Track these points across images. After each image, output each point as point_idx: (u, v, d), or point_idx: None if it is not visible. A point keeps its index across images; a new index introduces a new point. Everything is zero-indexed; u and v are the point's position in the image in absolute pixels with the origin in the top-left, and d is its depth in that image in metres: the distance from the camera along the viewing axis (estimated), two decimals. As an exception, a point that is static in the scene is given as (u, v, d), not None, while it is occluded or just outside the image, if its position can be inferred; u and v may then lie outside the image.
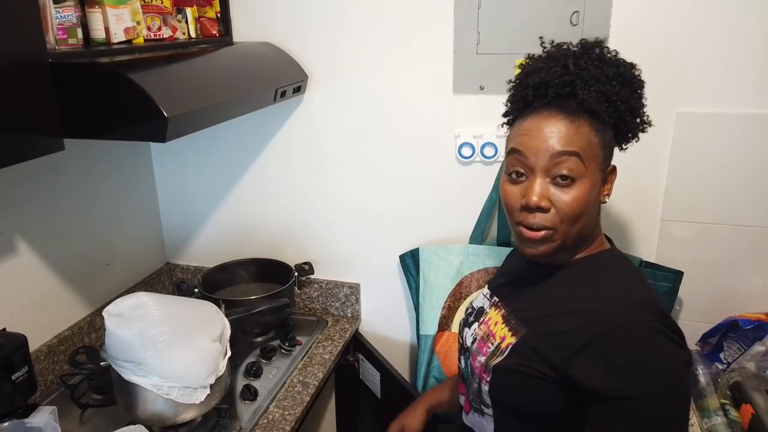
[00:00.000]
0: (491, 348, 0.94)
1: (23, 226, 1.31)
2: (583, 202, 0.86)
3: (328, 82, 1.54)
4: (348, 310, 1.72)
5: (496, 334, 0.95)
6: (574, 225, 0.87)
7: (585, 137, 0.85)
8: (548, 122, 0.86)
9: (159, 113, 0.94)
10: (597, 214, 0.93)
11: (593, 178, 0.87)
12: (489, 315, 1.02)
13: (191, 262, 1.84)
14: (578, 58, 0.89)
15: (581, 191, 0.85)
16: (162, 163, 1.75)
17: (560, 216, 0.86)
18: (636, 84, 0.90)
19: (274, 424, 1.26)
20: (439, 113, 1.49)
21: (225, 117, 1.20)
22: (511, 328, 0.93)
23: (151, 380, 1.11)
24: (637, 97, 0.90)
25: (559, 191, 0.86)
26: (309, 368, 1.46)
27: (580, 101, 0.86)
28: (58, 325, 1.42)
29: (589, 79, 0.86)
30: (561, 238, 0.88)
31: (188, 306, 1.25)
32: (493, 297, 1.05)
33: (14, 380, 1.04)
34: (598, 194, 0.90)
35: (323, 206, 1.66)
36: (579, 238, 0.91)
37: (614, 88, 0.86)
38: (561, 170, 0.85)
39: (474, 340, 1.01)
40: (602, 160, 0.88)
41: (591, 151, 0.86)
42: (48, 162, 1.35)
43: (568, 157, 0.84)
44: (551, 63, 0.90)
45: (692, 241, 1.40)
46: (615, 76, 0.87)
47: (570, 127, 0.85)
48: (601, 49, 0.90)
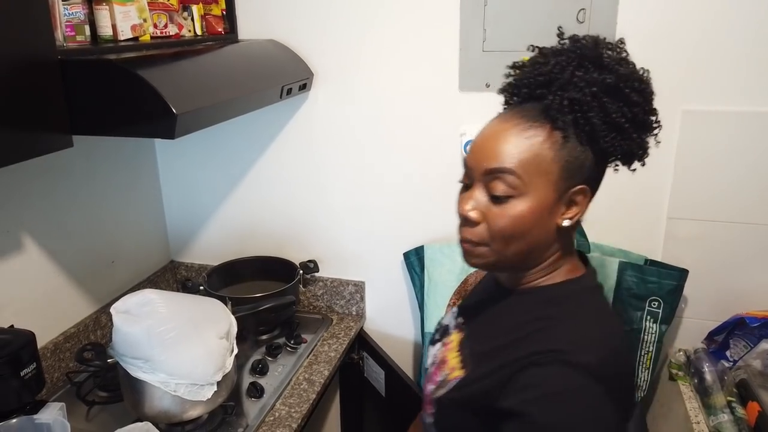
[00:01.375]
0: (440, 378, 0.86)
1: (29, 223, 1.31)
2: (519, 221, 0.76)
3: (333, 80, 1.54)
4: (353, 308, 1.72)
5: (449, 363, 0.87)
6: (508, 245, 0.77)
7: (532, 150, 0.74)
8: (500, 127, 0.77)
9: (168, 110, 0.94)
10: (557, 238, 0.80)
11: (540, 197, 0.75)
12: (451, 337, 0.92)
13: (195, 260, 1.84)
14: (565, 57, 0.78)
15: (517, 209, 0.75)
16: (166, 162, 1.75)
17: (491, 233, 0.77)
18: (630, 97, 0.76)
19: (281, 421, 1.26)
20: (445, 111, 1.49)
21: (232, 114, 1.20)
22: (462, 359, 0.85)
23: (159, 377, 1.11)
24: (627, 113, 0.75)
25: (494, 206, 0.77)
26: (314, 366, 1.46)
27: (544, 108, 0.76)
28: (64, 322, 1.42)
29: (566, 83, 0.75)
30: (496, 256, 0.79)
31: (195, 303, 1.25)
32: (459, 317, 0.95)
33: (23, 377, 1.04)
34: (551, 216, 0.77)
35: (328, 204, 1.66)
36: (522, 261, 0.81)
37: (593, 98, 0.74)
38: (494, 184, 0.76)
39: (432, 363, 0.92)
40: (558, 179, 0.75)
41: (539, 166, 0.74)
42: (53, 160, 1.35)
43: (502, 174, 0.75)
44: (539, 59, 0.81)
45: (698, 239, 1.40)
46: (599, 83, 0.75)
47: (517, 137, 0.75)
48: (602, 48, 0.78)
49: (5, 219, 1.25)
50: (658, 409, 1.46)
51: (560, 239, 0.81)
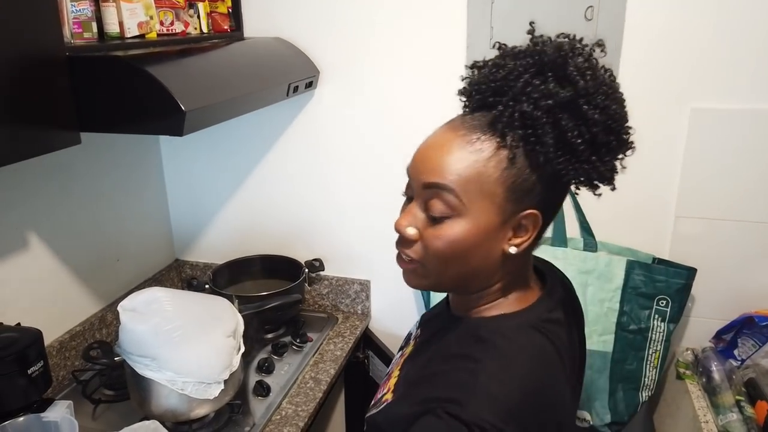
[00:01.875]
0: (380, 395, 0.80)
1: (35, 221, 1.30)
2: (455, 244, 0.68)
3: (339, 78, 1.54)
4: (358, 306, 1.71)
5: (390, 381, 0.80)
6: (446, 267, 0.70)
7: (475, 168, 0.66)
8: (442, 137, 0.69)
9: (177, 107, 0.93)
10: (502, 265, 0.72)
11: (480, 221, 0.67)
12: (407, 350, 0.86)
13: (200, 258, 1.83)
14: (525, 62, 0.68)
15: (453, 231, 0.68)
16: (171, 160, 1.75)
17: (426, 252, 0.70)
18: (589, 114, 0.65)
19: (287, 420, 1.25)
20: (451, 109, 1.48)
21: (240, 111, 1.20)
22: (397, 382, 0.78)
23: (166, 375, 1.10)
24: (585, 132, 0.65)
25: (430, 224, 0.69)
26: (321, 365, 1.46)
27: (493, 119, 0.67)
28: (69, 320, 1.42)
29: (518, 93, 0.66)
30: (432, 277, 0.72)
31: (202, 301, 1.25)
32: (418, 329, 0.88)
33: (30, 374, 1.03)
34: (494, 241, 0.69)
35: (333, 202, 1.66)
36: (463, 286, 0.74)
37: (546, 114, 0.65)
38: (430, 203, 0.68)
39: (387, 373, 0.86)
40: (502, 203, 0.67)
41: (480, 186, 0.66)
42: (58, 158, 1.34)
43: (439, 191, 0.67)
44: (500, 61, 0.71)
45: (706, 238, 1.40)
46: (556, 97, 0.65)
47: (461, 150, 0.67)
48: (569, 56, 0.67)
49: (11, 216, 1.25)
50: (665, 408, 1.46)
51: (507, 266, 0.72)
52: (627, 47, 1.33)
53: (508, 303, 0.75)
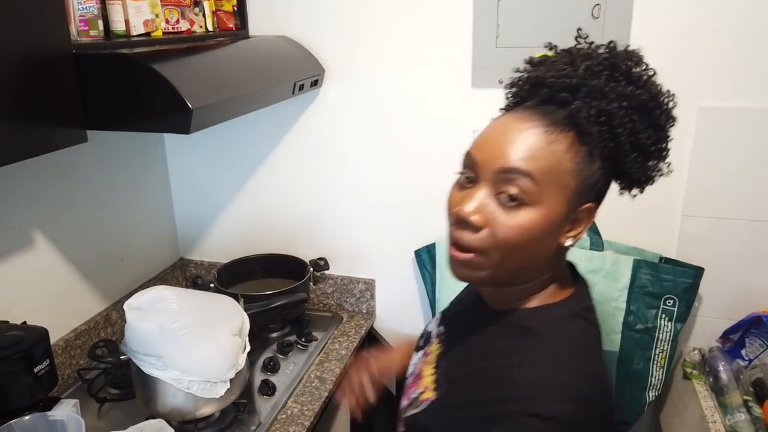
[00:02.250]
0: (414, 395, 0.81)
1: (40, 219, 1.30)
2: (527, 233, 0.68)
3: (344, 76, 1.53)
4: (363, 306, 1.71)
5: (423, 380, 0.81)
6: (507, 258, 0.69)
7: (554, 157, 0.67)
8: (518, 126, 0.69)
9: (183, 105, 0.93)
10: (554, 257, 0.74)
11: (551, 210, 0.68)
12: (431, 348, 0.87)
13: (205, 257, 1.83)
14: (598, 63, 0.71)
15: (527, 219, 0.67)
16: (176, 159, 1.74)
17: (493, 240, 0.68)
18: (658, 118, 0.70)
19: (293, 419, 1.25)
20: (457, 108, 1.48)
21: (245, 109, 1.20)
22: (436, 379, 0.79)
23: (171, 374, 1.10)
24: (652, 135, 0.70)
25: (501, 212, 0.68)
26: (326, 364, 1.45)
27: (571, 114, 0.69)
28: (74, 319, 1.41)
29: (595, 90, 0.69)
30: (490, 270, 0.70)
31: (208, 300, 1.24)
32: (441, 326, 0.89)
33: (36, 373, 1.03)
34: (557, 232, 0.71)
35: (338, 201, 1.65)
36: (517, 278, 0.74)
37: (624, 113, 0.68)
38: (508, 188, 0.67)
39: (411, 373, 0.87)
40: (572, 195, 0.69)
41: (557, 176, 0.67)
42: (63, 157, 1.34)
43: (519, 176, 0.67)
44: (565, 59, 0.73)
45: (713, 237, 1.39)
46: (630, 98, 0.68)
47: (540, 139, 0.67)
48: (631, 61, 0.71)
49: (16, 215, 1.25)
50: (672, 408, 1.45)
51: (556, 258, 0.74)
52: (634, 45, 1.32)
53: (549, 294, 0.76)
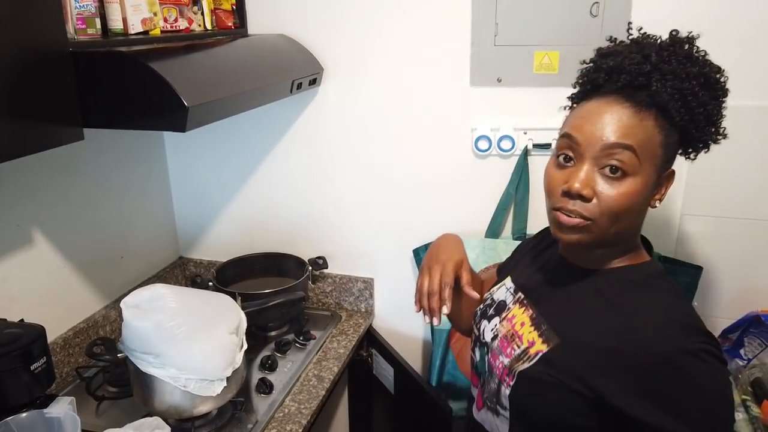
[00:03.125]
0: (517, 351, 0.88)
1: (39, 217, 1.31)
2: (631, 199, 0.79)
3: (343, 75, 1.53)
4: (362, 304, 1.71)
5: (523, 337, 0.89)
6: (614, 223, 0.80)
7: (647, 132, 0.79)
8: (610, 108, 0.80)
9: (180, 103, 0.93)
10: (643, 219, 0.86)
11: (647, 178, 0.80)
12: (513, 312, 0.95)
13: (204, 256, 1.83)
14: (663, 49, 0.82)
15: (631, 188, 0.79)
16: (175, 157, 1.75)
17: (601, 209, 0.79)
18: (718, 91, 0.83)
19: (290, 417, 1.25)
20: (456, 106, 1.48)
21: (243, 108, 1.20)
22: (542, 333, 0.87)
23: (169, 372, 1.10)
24: (716, 105, 0.83)
25: (607, 183, 0.79)
26: (324, 362, 1.45)
27: (652, 94, 0.80)
28: (73, 317, 1.42)
29: (667, 73, 0.80)
30: (597, 233, 0.81)
31: (205, 298, 1.24)
32: (518, 293, 0.97)
33: (33, 370, 1.03)
34: (649, 196, 0.83)
35: (337, 200, 1.65)
36: (617, 240, 0.84)
37: (693, 89, 0.80)
38: (612, 161, 0.79)
39: (495, 337, 0.95)
40: (661, 161, 0.81)
41: (650, 148, 0.79)
42: (63, 154, 1.35)
43: (622, 150, 0.78)
44: (633, 48, 0.84)
45: (712, 236, 1.38)
46: (697, 77, 0.80)
47: (633, 118, 0.79)
48: (690, 45, 0.84)
49: (15, 213, 1.25)
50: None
51: (642, 220, 0.86)
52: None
53: (634, 256, 0.87)
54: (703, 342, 0.76)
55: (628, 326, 0.80)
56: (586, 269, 0.89)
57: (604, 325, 0.82)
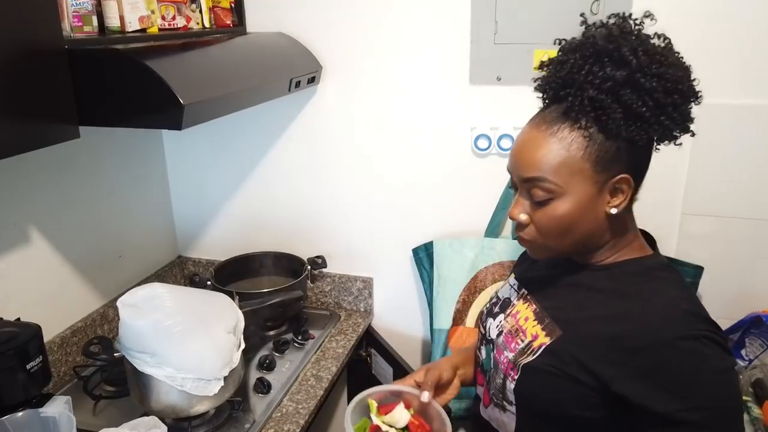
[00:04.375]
0: (521, 345, 0.89)
1: (37, 216, 1.30)
2: (564, 219, 0.82)
3: (341, 74, 1.53)
4: (361, 304, 1.70)
5: (527, 331, 0.90)
6: (562, 239, 0.84)
7: (559, 153, 0.79)
8: (526, 138, 0.84)
9: (176, 101, 0.93)
10: (607, 224, 0.84)
11: (579, 194, 0.80)
12: (517, 308, 0.96)
13: (203, 255, 1.83)
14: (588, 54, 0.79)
15: (560, 209, 0.81)
16: (174, 156, 1.74)
17: (539, 231, 0.84)
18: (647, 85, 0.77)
19: (288, 417, 1.24)
20: (455, 105, 1.47)
21: (240, 106, 1.19)
22: (545, 327, 0.88)
23: (165, 371, 1.10)
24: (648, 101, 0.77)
25: (537, 209, 0.83)
26: (322, 362, 1.45)
27: (565, 109, 0.81)
28: (70, 316, 1.41)
29: (582, 83, 0.79)
30: (553, 249, 0.86)
31: (202, 297, 1.24)
32: (521, 289, 0.99)
33: (29, 369, 1.03)
34: (596, 207, 0.82)
35: (336, 199, 1.65)
36: (586, 247, 0.87)
37: (611, 95, 0.77)
38: (534, 192, 0.82)
39: (500, 333, 0.96)
40: (593, 174, 0.80)
41: (569, 166, 0.79)
42: (61, 153, 1.34)
43: (537, 182, 0.81)
44: (562, 57, 0.83)
45: (713, 236, 1.37)
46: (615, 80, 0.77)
47: (546, 142, 0.80)
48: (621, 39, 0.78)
49: (12, 211, 1.25)
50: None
51: (614, 224, 0.85)
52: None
53: (636, 249, 0.88)
54: (706, 330, 0.77)
55: (631, 313, 0.80)
56: (587, 265, 0.90)
57: (607, 314, 0.83)
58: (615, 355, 0.79)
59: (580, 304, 0.88)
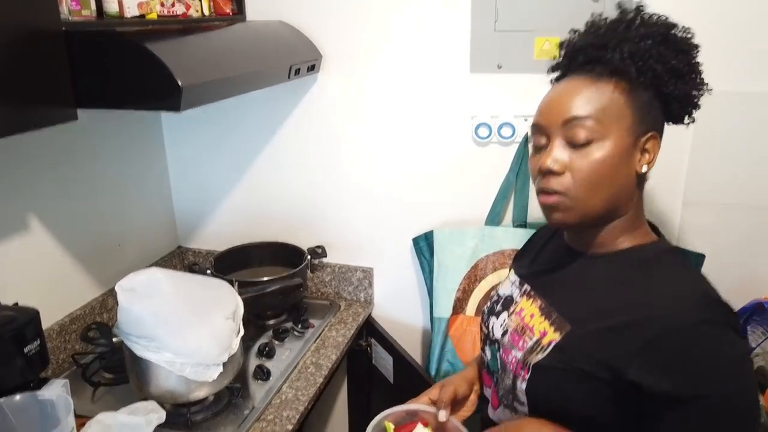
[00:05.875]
0: (529, 343, 0.87)
1: (36, 203, 1.30)
2: (604, 165, 0.80)
3: (342, 62, 1.52)
4: (361, 294, 1.70)
5: (534, 328, 0.88)
6: (593, 193, 0.81)
7: (605, 97, 0.81)
8: (566, 87, 0.83)
9: (174, 82, 0.92)
10: (633, 189, 0.85)
11: (618, 141, 0.80)
12: (521, 305, 0.94)
13: (203, 245, 1.83)
14: (614, 22, 0.85)
15: (600, 153, 0.80)
16: (174, 146, 1.74)
17: (575, 180, 0.81)
18: (681, 45, 0.83)
19: (288, 404, 1.24)
20: (456, 93, 1.47)
21: (239, 90, 1.18)
22: (553, 322, 0.85)
23: (164, 356, 1.09)
24: (684, 59, 0.82)
25: (575, 154, 0.81)
26: (322, 350, 1.44)
27: (607, 62, 0.82)
28: (70, 304, 1.41)
29: (620, 40, 0.82)
30: (579, 207, 0.82)
31: (202, 283, 1.23)
32: (524, 285, 0.97)
33: (26, 353, 1.02)
34: (629, 161, 0.82)
35: (336, 189, 1.64)
36: (608, 213, 0.84)
37: (649, 49, 0.81)
38: (574, 134, 0.80)
39: (505, 332, 0.93)
40: (632, 124, 0.81)
41: (613, 111, 0.80)
42: (60, 139, 1.34)
43: (581, 121, 0.80)
44: (587, 28, 0.88)
45: (715, 223, 1.37)
46: (653, 36, 0.82)
47: (588, 89, 0.81)
48: (639, 13, 0.85)
49: (12, 200, 1.24)
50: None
51: (636, 194, 0.86)
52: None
53: (642, 235, 0.87)
54: (721, 312, 0.76)
55: (641, 301, 0.79)
56: (592, 254, 0.89)
57: (616, 304, 0.81)
58: (628, 345, 0.76)
59: (588, 297, 0.85)
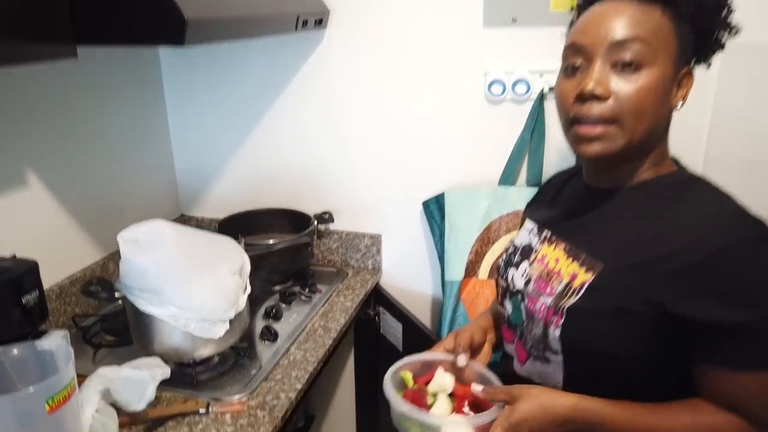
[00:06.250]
0: (559, 287, 0.83)
1: (34, 157, 1.25)
2: (651, 93, 0.76)
3: (349, 19, 1.47)
4: (368, 261, 1.65)
5: (562, 272, 0.84)
6: (639, 121, 0.76)
7: (654, 21, 0.76)
8: (611, 7, 0.78)
9: (179, 14, 0.87)
10: (667, 124, 0.82)
11: (663, 69, 0.76)
12: (542, 252, 0.90)
13: (206, 213, 1.78)
14: None
15: (648, 79, 0.75)
16: (176, 110, 1.69)
17: (621, 106, 0.75)
18: None
19: (296, 364, 1.20)
20: (468, 49, 1.42)
21: (245, 33, 1.14)
22: (583, 263, 0.82)
23: (168, 311, 1.05)
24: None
25: (622, 79, 0.76)
26: (330, 314, 1.40)
27: None
28: (69, 265, 1.37)
29: None
30: (626, 136, 0.77)
31: (207, 238, 1.19)
32: (543, 231, 0.93)
33: (24, 304, 0.98)
34: (670, 93, 0.78)
35: (344, 154, 1.59)
36: (643, 147, 0.80)
37: None
38: (624, 54, 0.75)
39: (528, 281, 0.89)
40: (676, 53, 0.77)
41: (661, 37, 0.76)
42: (58, 95, 1.29)
43: (632, 42, 0.75)
44: None
45: (738, 180, 1.31)
46: None
47: (637, 11, 0.76)
48: None
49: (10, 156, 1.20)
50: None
51: (667, 130, 0.83)
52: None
53: (665, 167, 0.84)
54: (760, 227, 0.74)
55: (676, 228, 0.75)
56: (617, 189, 0.85)
57: (650, 235, 0.77)
58: (668, 275, 0.73)
59: (617, 232, 0.81)
